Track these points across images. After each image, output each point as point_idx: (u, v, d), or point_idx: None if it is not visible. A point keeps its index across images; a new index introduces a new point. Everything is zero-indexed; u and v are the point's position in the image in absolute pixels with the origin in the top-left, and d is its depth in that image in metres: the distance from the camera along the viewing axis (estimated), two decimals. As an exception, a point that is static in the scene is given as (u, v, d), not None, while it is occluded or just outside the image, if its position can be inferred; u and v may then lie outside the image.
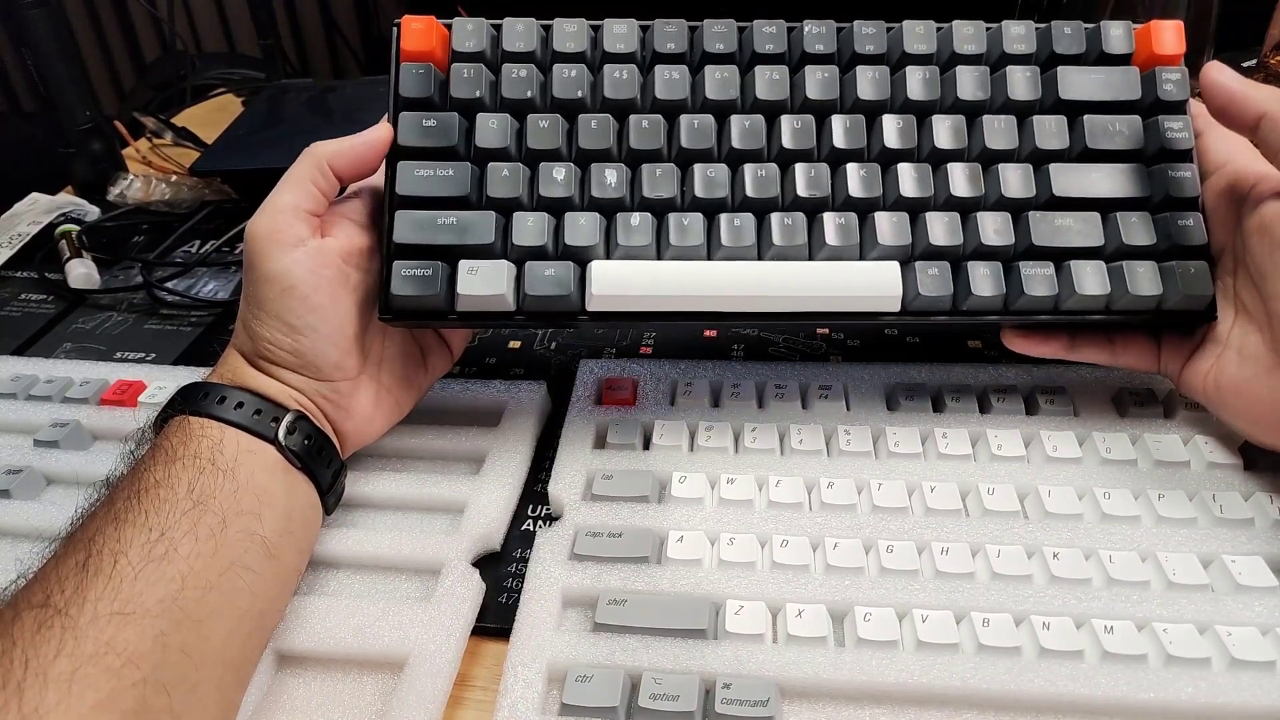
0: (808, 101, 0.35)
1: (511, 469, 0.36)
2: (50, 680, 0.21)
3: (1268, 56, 0.54)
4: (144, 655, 0.23)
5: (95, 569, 0.24)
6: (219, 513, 0.27)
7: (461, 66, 0.34)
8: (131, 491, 0.27)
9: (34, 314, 0.52)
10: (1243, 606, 0.29)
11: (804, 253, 0.33)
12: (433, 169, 0.33)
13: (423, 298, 0.32)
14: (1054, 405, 0.37)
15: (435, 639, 0.29)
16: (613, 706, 0.27)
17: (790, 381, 0.39)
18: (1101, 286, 0.32)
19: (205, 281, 0.53)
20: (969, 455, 0.35)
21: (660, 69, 0.35)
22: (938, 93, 0.35)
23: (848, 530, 0.32)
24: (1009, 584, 0.30)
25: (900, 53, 0.35)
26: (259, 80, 0.88)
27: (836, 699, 0.28)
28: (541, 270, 0.32)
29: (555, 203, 0.33)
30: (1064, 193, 0.33)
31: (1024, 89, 0.34)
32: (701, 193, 0.34)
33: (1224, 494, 0.32)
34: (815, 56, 0.35)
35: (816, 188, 0.34)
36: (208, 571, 0.26)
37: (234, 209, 0.61)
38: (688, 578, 0.31)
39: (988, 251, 0.33)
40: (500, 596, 0.32)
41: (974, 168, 0.34)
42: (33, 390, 0.42)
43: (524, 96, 0.34)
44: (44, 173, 0.66)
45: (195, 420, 0.29)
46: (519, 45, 0.35)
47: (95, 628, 0.23)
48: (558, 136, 0.34)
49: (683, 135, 0.34)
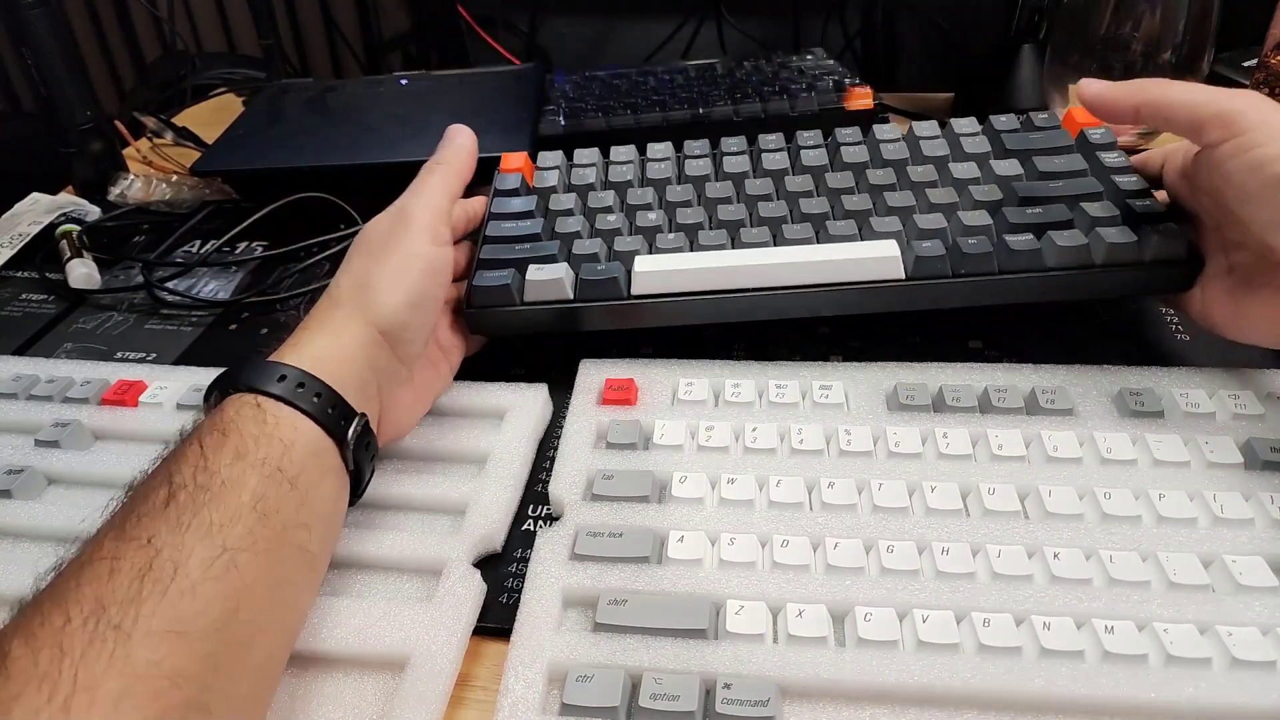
0: (846, 166, 0.45)
1: (513, 470, 0.36)
2: (98, 700, 0.21)
3: (1268, 56, 0.54)
4: (192, 677, 0.23)
5: (154, 580, 0.23)
6: (279, 527, 0.27)
7: (543, 172, 0.47)
8: (197, 487, 0.26)
9: (34, 314, 0.52)
10: (1243, 606, 0.29)
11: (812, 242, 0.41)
12: (515, 221, 0.44)
13: (499, 289, 0.40)
14: (1054, 405, 0.37)
15: (436, 639, 0.29)
16: (613, 706, 0.27)
17: (790, 381, 0.39)
18: (1077, 240, 0.38)
19: (206, 281, 0.53)
20: (969, 455, 0.35)
21: (690, 161, 0.47)
22: (906, 153, 0.45)
23: (848, 530, 0.32)
24: (1009, 584, 0.30)
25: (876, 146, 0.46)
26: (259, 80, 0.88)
27: (837, 699, 0.28)
28: (594, 266, 0.41)
29: (607, 233, 0.43)
30: (1029, 193, 0.41)
31: (978, 145, 0.44)
32: (724, 217, 0.43)
33: (1224, 494, 0.32)
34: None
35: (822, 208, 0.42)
36: (261, 589, 0.25)
37: (234, 209, 0.61)
38: (688, 578, 0.31)
39: (971, 230, 0.40)
40: (501, 596, 0.32)
41: (948, 190, 0.42)
42: (34, 390, 0.42)
43: (587, 183, 0.46)
44: (44, 173, 0.66)
45: (270, 409, 0.29)
46: (584, 159, 0.48)
47: (147, 645, 0.22)
48: (612, 201, 0.45)
49: (706, 190, 0.45)
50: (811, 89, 0.63)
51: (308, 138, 0.64)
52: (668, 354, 0.42)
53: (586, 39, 0.97)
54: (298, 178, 0.58)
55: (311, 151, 0.61)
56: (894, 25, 0.88)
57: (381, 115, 0.66)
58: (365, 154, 0.60)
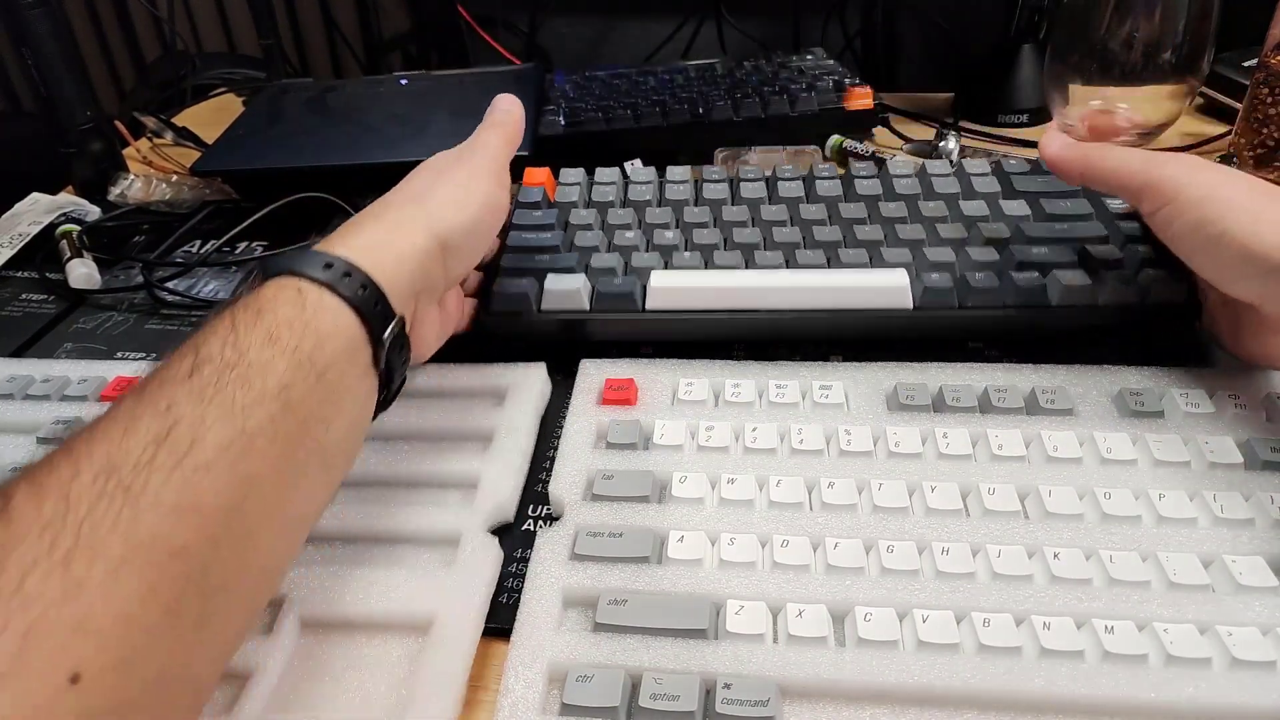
0: (860, 198, 0.47)
1: (519, 444, 0.37)
2: (98, 560, 0.20)
3: (1268, 56, 0.54)
4: (193, 555, 0.22)
5: (169, 449, 0.22)
6: (301, 419, 0.25)
7: (565, 187, 0.49)
8: (223, 363, 0.24)
9: (34, 314, 0.52)
10: (1243, 606, 0.29)
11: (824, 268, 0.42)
12: (536, 232, 0.45)
13: (518, 296, 0.42)
14: (1054, 405, 0.37)
15: (460, 600, 0.31)
16: (613, 706, 0.27)
17: (790, 381, 0.39)
18: (1082, 280, 0.39)
19: (206, 281, 0.53)
20: (969, 455, 0.35)
21: (708, 185, 0.48)
22: (919, 189, 0.47)
23: (848, 530, 0.32)
24: (1009, 584, 0.30)
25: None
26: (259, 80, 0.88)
27: (837, 699, 0.28)
28: (611, 279, 0.42)
29: (625, 249, 0.44)
30: (1036, 233, 0.42)
31: (988, 185, 0.46)
32: (740, 239, 0.44)
33: (1224, 494, 0.32)
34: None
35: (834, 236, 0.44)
36: (274, 478, 0.24)
37: (234, 209, 0.61)
38: (688, 578, 0.31)
39: (979, 265, 0.41)
40: (501, 596, 0.32)
41: (958, 226, 0.44)
42: (30, 390, 0.42)
43: (607, 200, 0.48)
44: (44, 173, 0.66)
45: (311, 296, 0.27)
46: (605, 178, 0.49)
47: (155, 513, 0.21)
48: (630, 218, 0.46)
49: (723, 214, 0.46)
50: (811, 89, 0.63)
51: (307, 138, 0.64)
52: (668, 354, 0.42)
53: (586, 39, 0.97)
54: (298, 178, 0.58)
55: (311, 151, 0.62)
56: (894, 25, 0.88)
57: (381, 115, 0.66)
58: (365, 154, 0.60)
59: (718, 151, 0.61)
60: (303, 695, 0.29)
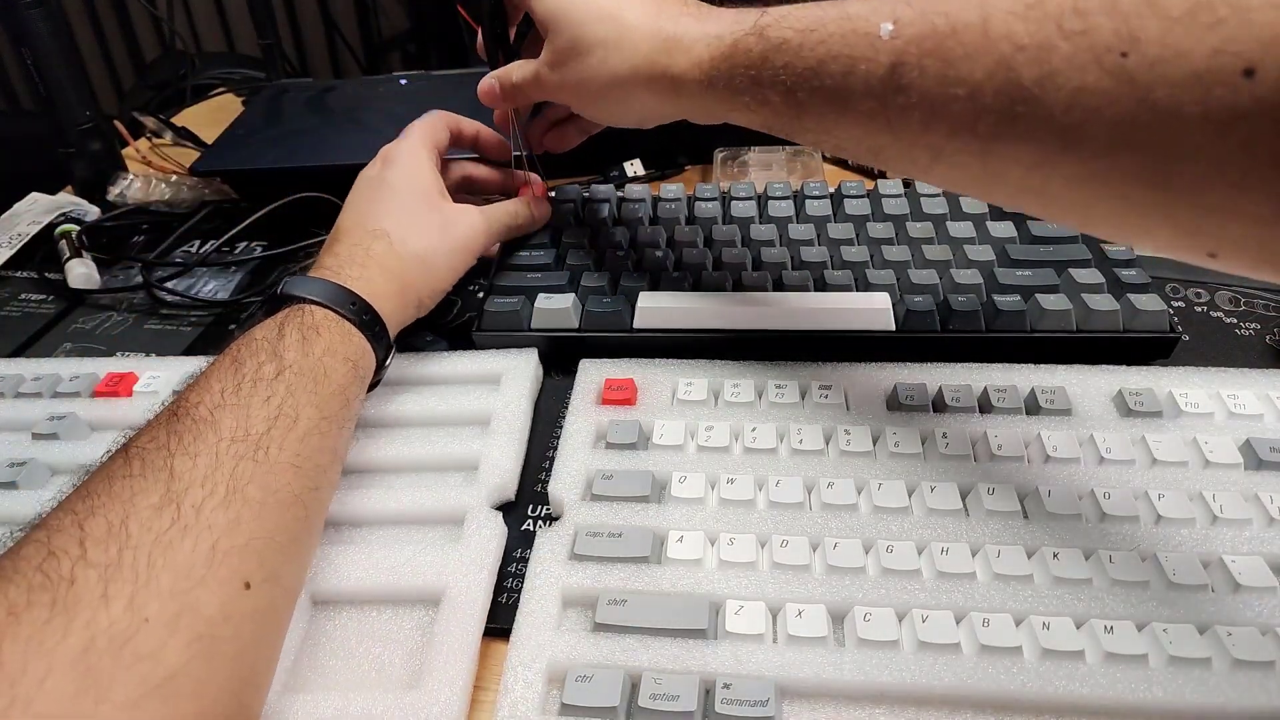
0: (849, 219, 0.47)
1: (516, 426, 0.38)
2: (247, 501, 0.27)
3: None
4: (302, 500, 0.29)
5: (283, 423, 0.29)
6: (351, 412, 0.34)
7: (560, 204, 0.49)
8: (303, 368, 0.32)
9: (34, 314, 0.52)
10: (1243, 606, 0.29)
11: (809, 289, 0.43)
12: (529, 250, 0.47)
13: (508, 314, 0.43)
14: (1054, 405, 0.37)
15: (468, 573, 0.32)
16: (613, 706, 0.27)
17: (790, 381, 0.39)
18: (1062, 305, 0.40)
19: (205, 281, 0.53)
20: (969, 455, 0.35)
21: (700, 204, 0.50)
22: (907, 209, 0.47)
23: (848, 530, 0.32)
24: (1009, 584, 0.30)
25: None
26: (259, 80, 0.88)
27: (836, 699, 0.28)
28: (600, 298, 0.43)
29: (615, 268, 0.45)
30: (1020, 255, 0.43)
31: (976, 206, 0.47)
32: (728, 260, 0.45)
33: (1224, 494, 0.32)
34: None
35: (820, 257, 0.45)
36: (332, 457, 0.32)
37: (234, 209, 0.61)
38: (688, 578, 0.31)
39: (962, 288, 0.41)
40: (500, 596, 0.32)
41: (944, 248, 0.44)
42: (21, 389, 0.42)
43: (601, 218, 0.49)
44: (44, 172, 0.66)
45: (345, 322, 0.35)
46: (600, 194, 0.50)
47: (277, 470, 0.28)
48: (622, 237, 0.47)
49: (713, 233, 0.47)
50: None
51: (307, 138, 0.64)
52: (667, 354, 0.42)
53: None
54: (297, 178, 0.58)
55: (311, 151, 0.61)
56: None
57: (381, 115, 0.66)
58: (365, 154, 0.60)
59: (717, 151, 0.61)
60: (320, 667, 0.30)
